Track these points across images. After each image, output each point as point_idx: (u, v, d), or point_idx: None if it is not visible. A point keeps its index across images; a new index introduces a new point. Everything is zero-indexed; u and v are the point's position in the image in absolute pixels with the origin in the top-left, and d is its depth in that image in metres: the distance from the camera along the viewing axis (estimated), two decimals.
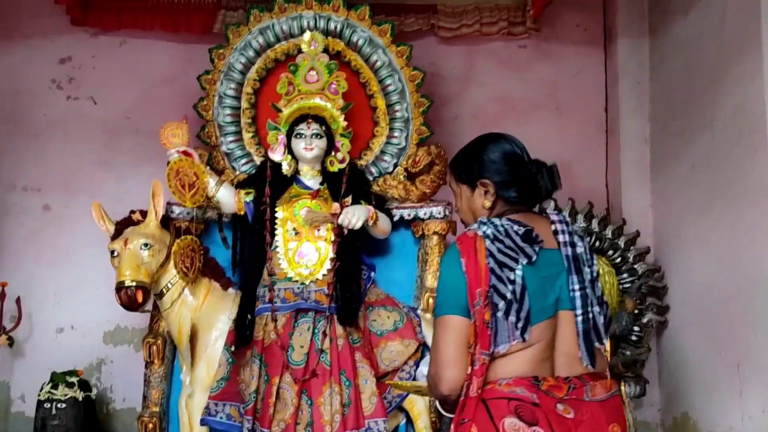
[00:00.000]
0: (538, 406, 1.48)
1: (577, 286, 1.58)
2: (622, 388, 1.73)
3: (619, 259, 3.32)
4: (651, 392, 3.33)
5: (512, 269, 1.53)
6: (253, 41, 3.26)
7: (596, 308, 1.59)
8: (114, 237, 2.82)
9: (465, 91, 3.88)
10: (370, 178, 3.21)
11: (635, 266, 3.31)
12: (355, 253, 2.86)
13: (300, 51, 3.10)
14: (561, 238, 1.61)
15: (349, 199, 2.92)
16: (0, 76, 3.73)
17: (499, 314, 1.50)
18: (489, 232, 1.57)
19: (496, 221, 1.60)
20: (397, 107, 3.27)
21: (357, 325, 2.78)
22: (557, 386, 1.51)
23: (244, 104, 3.29)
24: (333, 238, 2.83)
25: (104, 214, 2.90)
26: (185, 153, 2.88)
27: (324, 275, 2.79)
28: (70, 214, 3.64)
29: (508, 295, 1.51)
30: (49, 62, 3.78)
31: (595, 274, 1.63)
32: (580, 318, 1.56)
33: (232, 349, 2.77)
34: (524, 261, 1.54)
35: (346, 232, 2.81)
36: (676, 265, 3.31)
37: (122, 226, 2.84)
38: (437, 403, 1.69)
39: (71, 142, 3.73)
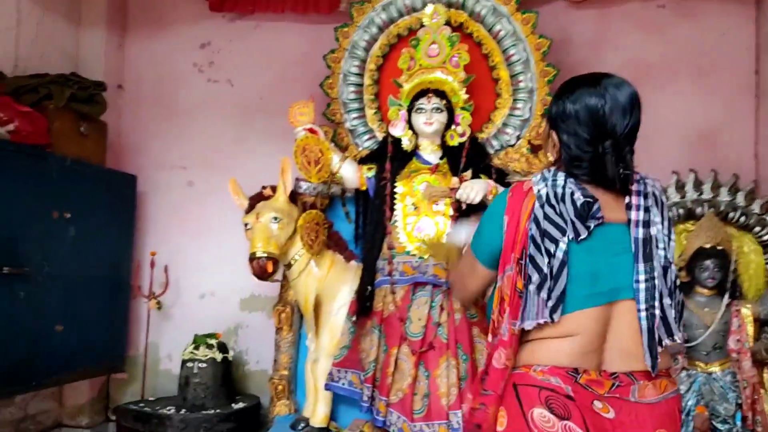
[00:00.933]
0: (573, 400, 1.34)
1: (642, 276, 1.38)
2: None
3: (767, 237, 3.05)
4: None
5: (555, 241, 1.35)
6: (376, 18, 3.32)
7: (666, 300, 1.39)
8: (247, 211, 3.00)
9: (596, 57, 3.68)
10: (492, 152, 3.17)
11: None
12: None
13: (422, 25, 3.12)
14: (634, 215, 1.40)
15: (468, 174, 2.90)
16: (148, 63, 4.09)
17: (531, 287, 1.36)
18: (544, 192, 1.39)
19: (559, 180, 1.39)
20: (521, 77, 3.20)
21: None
22: (599, 381, 1.36)
23: (367, 81, 3.36)
24: (452, 212, 2.83)
25: (240, 190, 3.09)
26: (311, 130, 3.00)
27: None
28: (211, 189, 3.91)
29: (545, 269, 1.35)
30: (191, 48, 4.07)
31: (671, 258, 1.42)
32: (643, 313, 1.37)
33: (354, 318, 2.88)
34: (571, 236, 1.36)
35: (464, 206, 2.81)
36: None
37: (255, 200, 3.02)
38: None
39: (211, 123, 4.00)
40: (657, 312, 1.37)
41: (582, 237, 1.36)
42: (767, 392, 2.83)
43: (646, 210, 1.41)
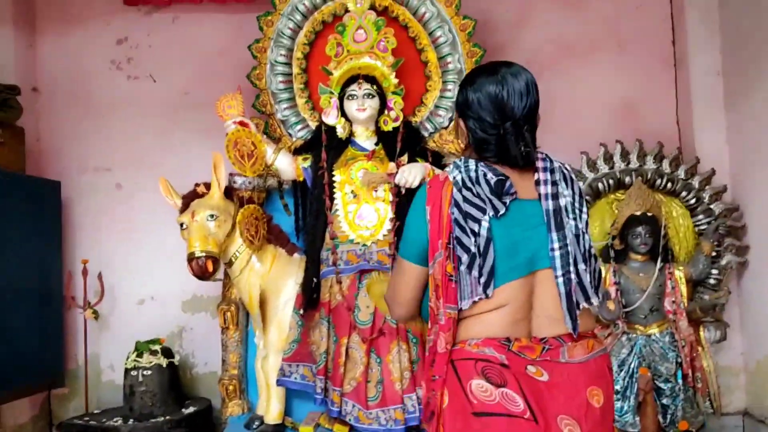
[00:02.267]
0: (508, 368, 1.40)
1: (557, 245, 1.46)
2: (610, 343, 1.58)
3: (693, 201, 3.20)
4: (732, 336, 3.24)
5: (478, 221, 1.43)
6: (299, 4, 3.26)
7: (581, 266, 1.47)
8: (182, 210, 2.92)
9: (519, 36, 3.76)
10: (426, 135, 3.19)
11: (711, 206, 3.19)
12: None
13: (347, 10, 3.09)
14: (542, 189, 1.49)
15: (405, 158, 2.91)
16: (63, 60, 3.89)
17: (462, 267, 1.43)
18: (459, 178, 1.48)
19: (471, 165, 1.49)
20: (449, 59, 3.22)
21: None
22: (530, 347, 1.43)
23: (295, 70, 3.31)
24: (391, 198, 2.84)
25: (171, 189, 2.99)
26: (242, 123, 2.93)
27: (385, 235, 2.82)
28: (140, 190, 3.77)
29: (472, 248, 1.42)
30: (107, 44, 3.89)
31: (582, 227, 1.51)
32: (560, 279, 1.46)
33: (301, 312, 2.86)
34: (491, 213, 1.44)
35: (404, 191, 2.81)
36: (756, 203, 3.16)
37: (188, 199, 2.94)
38: None
39: (135, 121, 3.85)
40: (573, 277, 1.46)
41: (501, 213, 1.45)
42: (704, 349, 2.98)
43: (554, 183, 1.50)
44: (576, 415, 1.41)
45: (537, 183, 1.50)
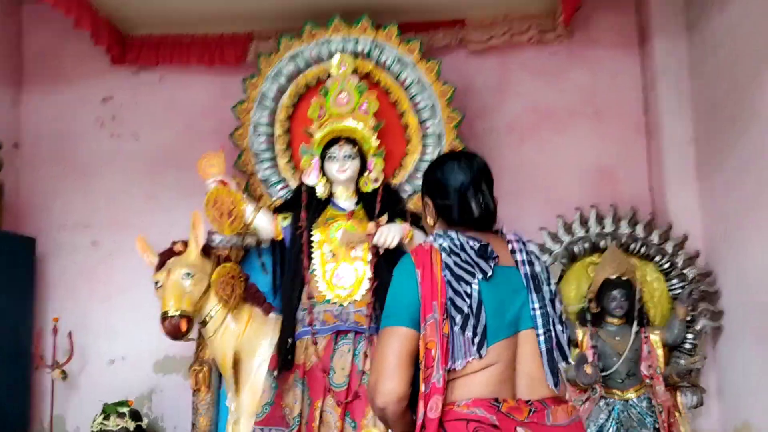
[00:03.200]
0: (498, 429, 1.42)
1: (537, 305, 1.55)
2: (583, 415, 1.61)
3: (667, 265, 3.23)
4: (709, 402, 3.20)
5: (468, 283, 1.50)
6: (284, 69, 3.33)
7: (558, 327, 1.57)
8: (157, 268, 2.88)
9: (498, 102, 3.84)
10: (405, 196, 3.22)
11: (685, 271, 3.21)
12: (392, 271, 2.84)
13: (330, 75, 3.15)
14: (519, 256, 1.59)
15: (384, 218, 2.93)
16: (47, 119, 3.92)
17: (456, 328, 1.48)
18: (445, 245, 1.55)
19: (453, 234, 1.58)
20: (429, 123, 3.28)
21: None
22: (518, 408, 1.46)
23: (277, 131, 3.35)
24: (370, 258, 2.84)
25: (148, 247, 2.96)
26: (222, 182, 2.95)
27: (362, 296, 2.80)
28: (118, 248, 3.73)
29: (465, 309, 1.48)
30: (92, 102, 3.93)
31: (554, 293, 1.61)
32: (542, 337, 1.53)
33: (275, 373, 2.79)
34: (480, 276, 1.51)
35: (382, 251, 2.82)
36: (729, 268, 3.19)
37: (165, 257, 2.91)
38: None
39: (116, 179, 3.85)
40: (553, 335, 1.55)
41: (489, 275, 1.53)
42: (681, 415, 2.95)
43: (528, 253, 1.62)
44: None
45: (512, 252, 1.60)
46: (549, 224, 3.30)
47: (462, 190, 1.62)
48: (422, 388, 1.49)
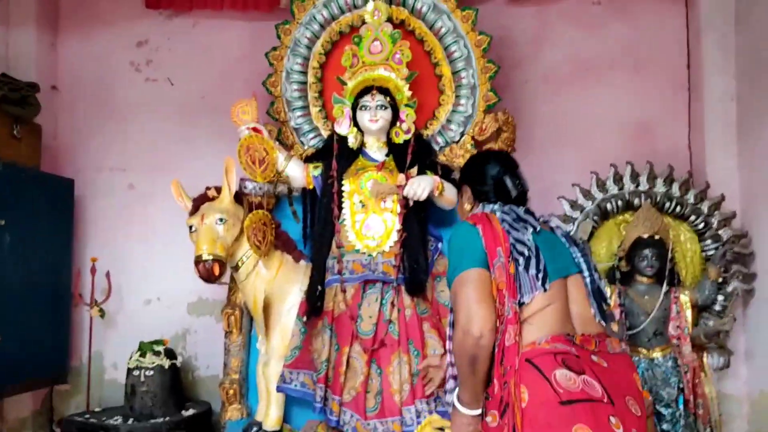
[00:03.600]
0: (579, 358, 1.60)
1: (578, 254, 1.81)
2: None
3: (702, 225, 3.17)
4: (736, 364, 3.19)
5: (524, 232, 1.74)
6: (317, 15, 3.28)
7: (596, 274, 1.82)
8: (191, 213, 2.92)
9: (535, 53, 3.77)
10: (437, 148, 3.19)
11: (719, 232, 3.15)
12: (421, 224, 2.86)
13: (364, 22, 3.10)
14: (552, 224, 1.92)
15: (414, 170, 2.91)
16: (83, 62, 3.95)
17: (521, 268, 1.68)
18: (495, 208, 1.82)
19: (496, 206, 1.84)
20: (463, 74, 3.22)
21: (425, 296, 2.79)
22: (587, 340, 1.67)
23: (310, 79, 3.32)
24: (399, 209, 2.83)
25: (183, 192, 3.00)
26: (255, 129, 2.94)
27: (391, 247, 2.81)
28: (153, 191, 3.80)
29: (526, 252, 1.70)
30: (127, 46, 3.95)
31: (584, 249, 1.86)
32: (587, 279, 1.78)
33: (304, 319, 2.84)
34: (530, 229, 1.77)
35: (411, 203, 2.81)
36: (765, 230, 3.13)
37: (199, 202, 2.95)
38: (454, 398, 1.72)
39: (152, 123, 3.89)
40: (596, 278, 1.81)
41: (537, 229, 1.79)
42: (707, 376, 2.94)
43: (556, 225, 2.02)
44: (634, 394, 1.64)
45: (545, 222, 1.90)
46: (583, 180, 3.24)
47: (499, 176, 1.91)
48: (497, 323, 1.66)
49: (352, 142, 2.98)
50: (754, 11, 3.22)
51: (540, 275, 1.67)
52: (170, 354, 3.37)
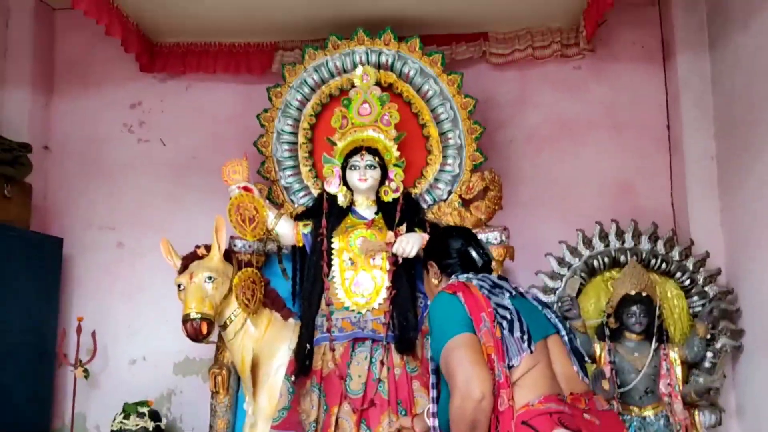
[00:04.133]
0: (572, 416, 1.62)
1: (551, 315, 1.87)
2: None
3: (688, 282, 3.18)
4: (728, 422, 3.15)
5: (503, 297, 1.79)
6: (308, 78, 3.35)
7: (572, 334, 1.90)
8: (180, 271, 2.91)
9: (519, 114, 3.85)
10: (425, 206, 3.22)
11: (706, 289, 3.16)
12: (410, 281, 2.87)
13: (353, 85, 3.18)
14: (521, 289, 1.93)
15: (403, 228, 2.94)
16: (76, 123, 3.99)
17: (505, 332, 1.71)
18: (470, 276, 1.88)
19: (470, 274, 1.91)
20: (450, 135, 3.27)
21: (414, 354, 2.77)
22: (577, 399, 1.69)
23: (301, 139, 3.37)
24: (388, 266, 2.84)
25: (172, 250, 2.99)
26: (245, 188, 2.97)
27: (380, 304, 2.80)
28: (142, 250, 3.79)
29: (509, 315, 1.74)
30: (120, 108, 3.99)
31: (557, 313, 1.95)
32: (566, 338, 1.84)
33: (293, 378, 2.81)
34: (507, 294, 1.82)
35: (401, 260, 2.83)
36: (750, 286, 3.14)
37: (188, 260, 2.94)
38: None
39: (142, 182, 3.91)
40: (573, 337, 1.88)
41: (514, 294, 1.86)
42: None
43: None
44: None
45: (515, 288, 1.92)
46: (568, 237, 3.27)
47: (463, 248, 2.01)
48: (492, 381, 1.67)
49: (342, 200, 3.01)
50: (729, 72, 3.33)
51: (525, 337, 1.71)
52: (155, 416, 3.29)
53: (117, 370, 3.71)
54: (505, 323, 1.72)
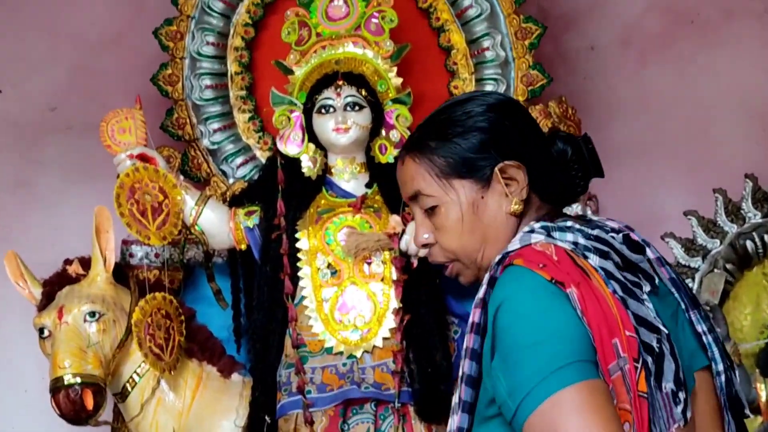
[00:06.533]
0: None
1: (705, 327, 1.62)
2: None
3: None
4: None
5: (641, 301, 1.49)
6: None
7: (731, 370, 1.64)
8: (42, 306, 2.91)
9: (604, 2, 3.84)
10: None
11: None
12: (434, 297, 2.88)
13: None
14: (650, 254, 1.63)
15: None
16: None
17: (651, 382, 1.44)
18: (581, 241, 1.55)
19: (568, 223, 1.61)
20: (486, 43, 3.29)
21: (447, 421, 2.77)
22: None
23: (232, 67, 3.39)
24: (395, 275, 2.84)
25: (24, 270, 2.98)
26: (143, 157, 2.96)
27: (386, 339, 2.81)
28: None
29: (654, 345, 1.45)
30: None
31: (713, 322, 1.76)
32: (722, 377, 1.62)
33: None
34: (647, 287, 1.54)
35: (415, 263, 2.80)
36: None
37: (53, 286, 2.94)
38: None
39: None
40: (732, 376, 1.64)
41: (657, 283, 1.58)
42: None
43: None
44: None
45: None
46: (699, 205, 3.29)
47: (561, 141, 1.74)
48: None
49: (309, 166, 3.00)
50: None
51: (681, 395, 1.48)
52: None
53: None
54: (650, 362, 1.45)
